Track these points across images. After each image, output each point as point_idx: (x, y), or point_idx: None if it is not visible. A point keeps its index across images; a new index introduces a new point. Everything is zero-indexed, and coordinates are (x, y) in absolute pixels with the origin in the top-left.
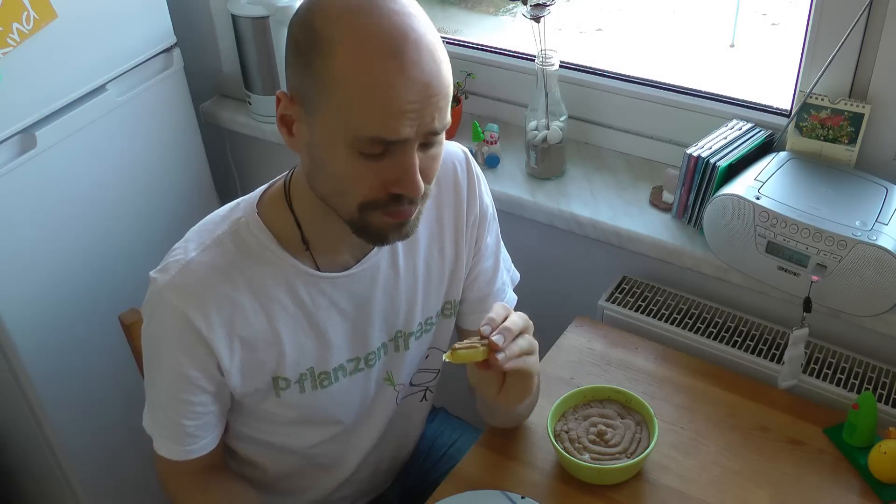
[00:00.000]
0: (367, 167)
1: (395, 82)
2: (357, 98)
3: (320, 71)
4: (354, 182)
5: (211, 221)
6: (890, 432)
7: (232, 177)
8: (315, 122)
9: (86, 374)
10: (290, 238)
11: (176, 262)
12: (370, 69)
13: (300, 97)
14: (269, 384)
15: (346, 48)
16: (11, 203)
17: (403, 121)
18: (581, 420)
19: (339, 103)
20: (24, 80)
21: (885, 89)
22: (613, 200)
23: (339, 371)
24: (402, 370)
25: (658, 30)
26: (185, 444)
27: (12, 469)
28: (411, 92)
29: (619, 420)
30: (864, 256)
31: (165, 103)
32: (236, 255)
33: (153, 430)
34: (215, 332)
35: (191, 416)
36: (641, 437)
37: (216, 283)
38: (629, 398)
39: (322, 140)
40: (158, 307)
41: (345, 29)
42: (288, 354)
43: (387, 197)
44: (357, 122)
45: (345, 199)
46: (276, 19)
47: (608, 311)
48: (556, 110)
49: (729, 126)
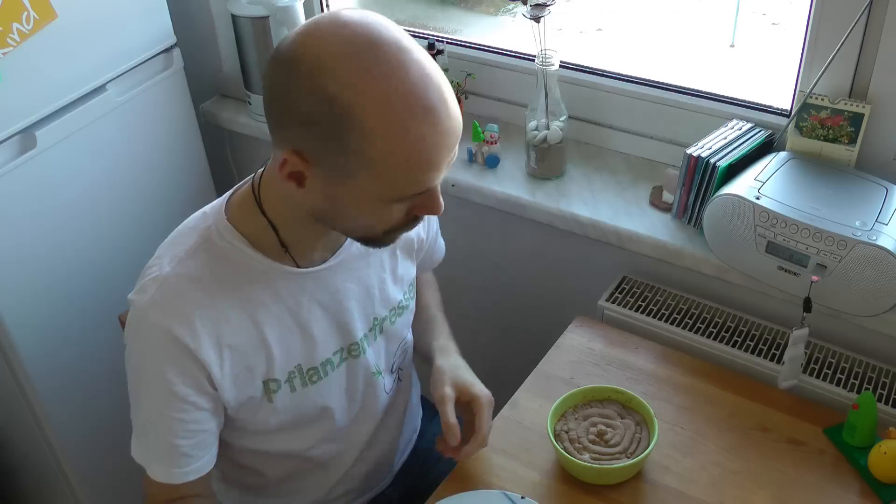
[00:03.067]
0: (398, 209)
1: (433, 141)
2: (397, 164)
3: (348, 141)
4: (380, 222)
5: (179, 234)
6: (890, 432)
7: (232, 177)
8: (343, 183)
9: (86, 374)
10: (264, 241)
11: (152, 280)
12: (406, 134)
13: (321, 163)
14: (261, 390)
15: (377, 117)
16: (11, 203)
17: (437, 170)
18: (581, 420)
19: (376, 169)
20: (24, 80)
21: (885, 89)
22: (613, 200)
23: (326, 365)
24: (383, 358)
25: (658, 30)
26: (182, 466)
27: (12, 469)
28: (447, 143)
29: (620, 420)
30: (864, 256)
31: (165, 103)
32: (212, 264)
33: (145, 457)
34: (203, 345)
35: (185, 435)
36: (641, 437)
37: (196, 295)
38: (629, 398)
39: (350, 196)
40: (142, 328)
41: (369, 97)
42: (276, 356)
43: (411, 219)
44: (396, 183)
45: (364, 231)
46: (276, 19)
47: (608, 311)
48: (556, 110)
49: (729, 126)
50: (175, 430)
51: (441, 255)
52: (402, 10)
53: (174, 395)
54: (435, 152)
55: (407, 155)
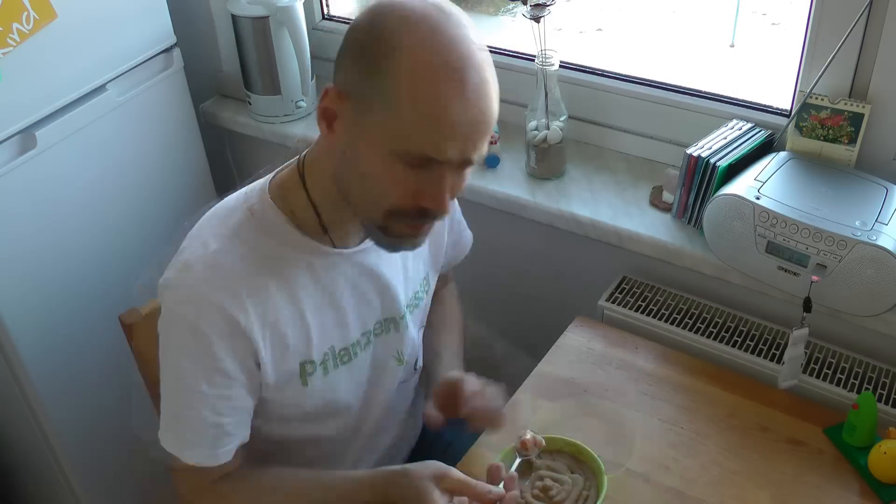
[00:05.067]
0: (402, 174)
1: (455, 102)
2: (415, 110)
3: (383, 74)
4: (386, 186)
5: (219, 214)
6: (890, 432)
7: (232, 177)
8: (364, 122)
9: (86, 374)
10: (305, 220)
11: (198, 258)
12: (434, 84)
13: (353, 96)
14: (296, 372)
15: (414, 58)
16: (11, 203)
17: (452, 142)
18: (528, 472)
19: (395, 111)
20: (24, 80)
21: (885, 89)
22: (613, 200)
23: (356, 346)
24: (406, 346)
25: (658, 30)
26: (224, 445)
27: (12, 469)
28: (467, 115)
29: (569, 474)
30: (864, 256)
31: (165, 103)
32: (257, 241)
33: (177, 444)
34: (252, 322)
35: (229, 412)
36: (589, 494)
37: (245, 272)
38: (580, 450)
39: (366, 141)
40: (191, 306)
41: (415, 39)
42: (313, 336)
43: (414, 209)
44: (408, 134)
45: (370, 201)
46: (276, 19)
47: (608, 311)
48: (556, 110)
49: (729, 126)
50: (219, 407)
51: (467, 244)
52: None
53: (221, 372)
54: (456, 119)
55: (429, 109)
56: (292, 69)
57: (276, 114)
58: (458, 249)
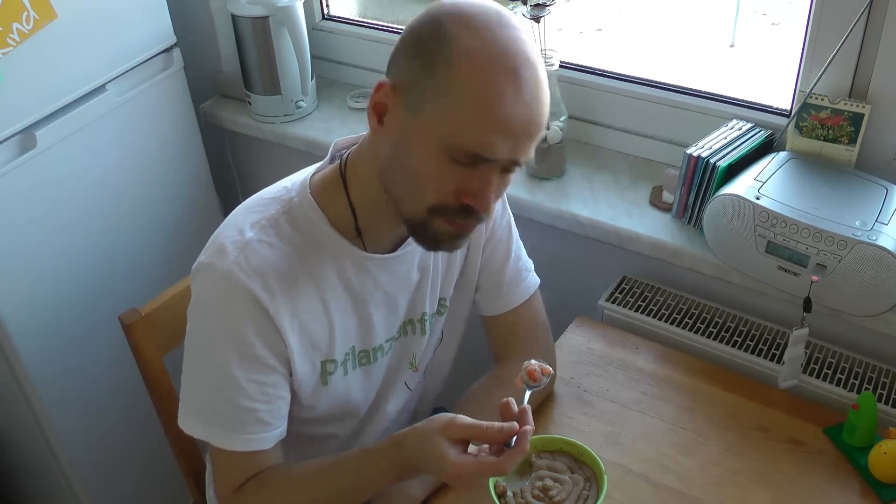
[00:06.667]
0: (449, 171)
1: (510, 98)
2: (470, 103)
3: (440, 67)
4: (432, 182)
5: (259, 203)
6: (890, 432)
7: (232, 177)
8: (417, 116)
9: (86, 374)
10: (342, 221)
11: (233, 243)
12: (489, 80)
13: (406, 89)
14: (318, 370)
15: (473, 53)
16: (11, 203)
17: (503, 140)
18: (528, 472)
19: (449, 104)
20: (24, 80)
21: (885, 89)
22: (613, 200)
23: (378, 351)
24: (421, 351)
25: (658, 30)
26: (256, 432)
27: (12, 469)
28: (521, 113)
29: (569, 474)
30: (864, 256)
31: (165, 103)
32: (293, 235)
33: (204, 428)
34: (281, 313)
35: (264, 399)
36: (589, 494)
37: (278, 262)
38: (581, 451)
39: (417, 135)
40: (222, 288)
41: (474, 36)
42: (337, 336)
43: (457, 206)
44: (461, 128)
45: (415, 197)
46: (276, 19)
47: (608, 311)
48: (556, 110)
49: (729, 126)
50: (254, 393)
51: (527, 291)
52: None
53: (254, 358)
54: (510, 115)
55: (484, 103)
56: (292, 69)
57: (276, 114)
58: (516, 291)
